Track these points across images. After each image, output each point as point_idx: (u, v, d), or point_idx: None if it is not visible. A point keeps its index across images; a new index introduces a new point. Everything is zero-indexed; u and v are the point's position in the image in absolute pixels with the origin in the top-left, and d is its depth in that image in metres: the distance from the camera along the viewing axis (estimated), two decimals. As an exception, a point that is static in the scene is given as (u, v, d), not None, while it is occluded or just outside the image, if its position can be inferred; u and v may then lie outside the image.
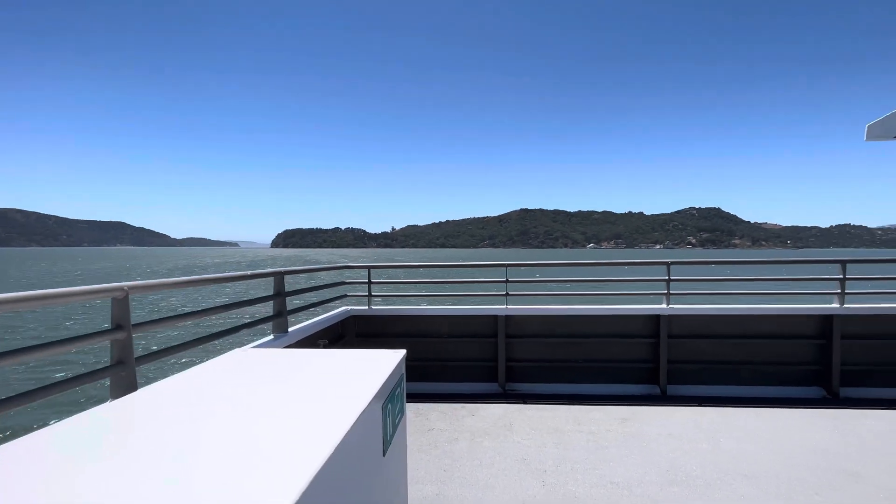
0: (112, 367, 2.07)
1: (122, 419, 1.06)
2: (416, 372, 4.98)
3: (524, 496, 2.70)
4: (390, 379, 1.42)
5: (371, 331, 5.13)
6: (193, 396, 1.21)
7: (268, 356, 1.66)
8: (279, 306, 3.67)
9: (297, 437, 0.94)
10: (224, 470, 0.80)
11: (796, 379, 4.78)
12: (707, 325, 4.84)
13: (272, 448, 0.88)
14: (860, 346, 4.70)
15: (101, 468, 0.81)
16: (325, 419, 1.03)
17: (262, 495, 0.71)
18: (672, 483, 2.82)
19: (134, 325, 2.16)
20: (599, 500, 2.63)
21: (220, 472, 0.79)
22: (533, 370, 5.00)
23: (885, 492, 2.68)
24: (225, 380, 1.37)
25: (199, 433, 0.96)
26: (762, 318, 4.79)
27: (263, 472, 0.79)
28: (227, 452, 0.86)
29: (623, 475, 2.92)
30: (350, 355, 1.65)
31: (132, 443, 0.92)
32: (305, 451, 0.87)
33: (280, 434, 0.95)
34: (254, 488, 0.73)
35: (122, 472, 0.80)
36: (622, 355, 4.91)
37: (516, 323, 5.00)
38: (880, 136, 4.17)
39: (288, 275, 3.77)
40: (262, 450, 0.88)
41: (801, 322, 4.79)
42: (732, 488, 2.74)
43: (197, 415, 1.08)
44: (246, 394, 1.23)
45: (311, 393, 1.23)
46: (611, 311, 4.90)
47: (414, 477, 2.93)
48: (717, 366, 4.81)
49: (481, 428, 3.74)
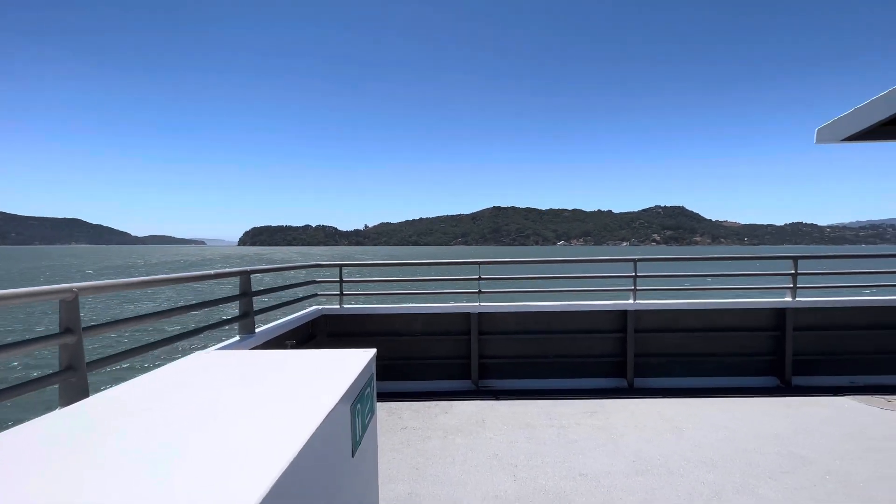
0: (61, 373, 1.95)
1: (72, 427, 1.00)
2: (390, 371, 4.95)
3: (496, 491, 2.72)
4: (359, 379, 1.40)
5: (343, 330, 5.06)
6: (150, 401, 1.16)
7: (232, 358, 1.61)
8: (245, 306, 3.57)
9: (259, 440, 0.91)
10: (179, 475, 0.77)
11: (753, 369, 5.03)
12: (671, 320, 5.02)
13: (233, 452, 0.85)
14: (810, 336, 4.99)
15: (48, 479, 0.77)
16: (289, 421, 1.01)
17: (222, 499, 0.69)
18: (638, 473, 2.90)
19: (85, 329, 2.04)
20: (568, 492, 2.69)
21: (176, 477, 0.76)
22: (505, 367, 5.06)
23: (831, 474, 2.84)
24: (185, 383, 1.32)
25: (156, 438, 0.93)
26: (722, 312, 5.01)
27: (223, 476, 0.76)
28: (184, 457, 0.83)
29: (591, 466, 3.00)
30: (318, 356, 1.62)
31: (82, 451, 0.88)
32: (268, 454, 0.84)
33: (242, 437, 0.93)
34: (213, 493, 0.71)
35: (72, 481, 0.76)
36: (591, 350, 5.04)
37: (489, 320, 5.04)
38: (829, 139, 4.41)
39: (255, 274, 3.67)
40: (222, 454, 0.85)
41: (758, 315, 5.03)
42: (694, 475, 2.86)
43: (153, 420, 1.03)
44: (207, 397, 1.19)
45: (275, 395, 1.20)
46: (580, 308, 5.02)
47: (386, 476, 2.91)
48: (681, 358, 5.00)
49: (454, 425, 3.75)
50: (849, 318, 5.02)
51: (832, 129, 4.43)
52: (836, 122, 4.40)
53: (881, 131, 4.56)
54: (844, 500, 2.57)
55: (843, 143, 4.40)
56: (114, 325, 2.29)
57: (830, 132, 4.44)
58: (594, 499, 2.63)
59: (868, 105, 4.13)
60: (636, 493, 2.67)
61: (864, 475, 2.83)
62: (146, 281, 2.57)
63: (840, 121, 4.36)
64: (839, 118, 4.42)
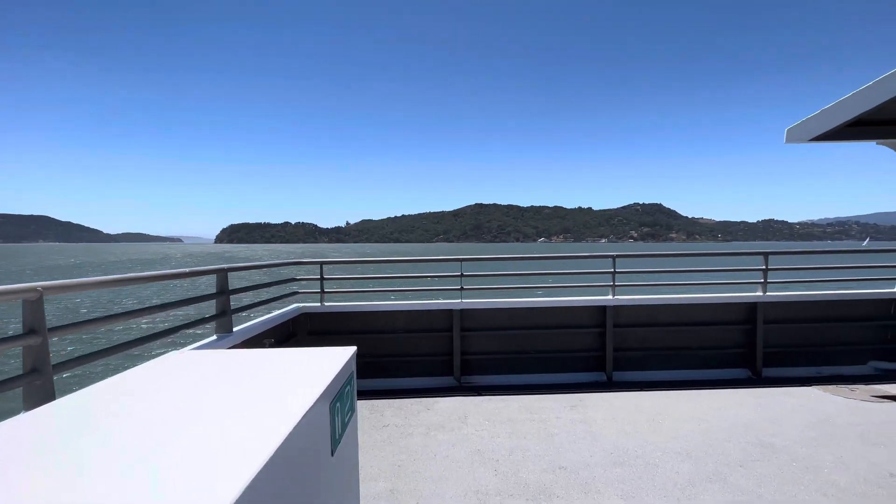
0: (24, 376, 1.89)
1: (36, 431, 0.96)
2: (372, 368, 4.93)
3: (477, 486, 2.75)
4: (339, 377, 1.38)
5: (324, 328, 5.02)
6: (120, 403, 1.12)
7: (207, 357, 1.56)
8: (222, 305, 3.50)
9: (234, 440, 0.89)
10: (149, 478, 0.74)
11: (726, 362, 5.19)
12: (649, 315, 5.14)
13: (206, 453, 0.83)
14: (779, 329, 5.18)
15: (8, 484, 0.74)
16: (266, 421, 0.98)
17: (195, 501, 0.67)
18: (615, 464, 2.97)
19: (50, 329, 1.99)
20: (548, 485, 2.74)
21: (145, 479, 0.74)
22: (488, 363, 5.10)
23: (797, 461, 2.97)
24: (157, 383, 1.28)
25: (125, 440, 0.89)
26: (697, 307, 5.15)
27: (195, 477, 0.74)
28: (154, 460, 0.81)
29: (571, 459, 3.05)
30: (297, 354, 1.58)
31: (47, 455, 0.84)
32: (243, 454, 0.82)
33: (216, 438, 0.90)
34: (185, 494, 0.69)
35: (35, 487, 0.73)
36: (572, 345, 5.11)
37: (471, 317, 5.06)
38: (798, 138, 4.58)
39: (233, 272, 3.60)
40: (195, 455, 0.82)
41: (730, 309, 5.20)
42: (669, 466, 2.94)
43: (123, 422, 0.99)
44: (180, 397, 1.15)
45: (252, 394, 1.17)
46: (561, 304, 5.09)
47: (368, 474, 2.91)
48: (658, 352, 5.13)
49: (436, 422, 3.76)
50: (816, 312, 5.22)
51: (801, 129, 4.60)
52: (805, 122, 4.57)
53: (846, 132, 4.76)
54: (809, 485, 2.69)
55: (811, 142, 4.59)
56: (81, 325, 2.21)
57: (800, 132, 4.61)
58: (573, 491, 2.68)
59: (833, 107, 4.30)
60: (614, 484, 2.74)
61: (827, 461, 2.96)
62: (117, 280, 2.46)
63: (808, 121, 4.53)
64: (807, 119, 4.58)
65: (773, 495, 2.59)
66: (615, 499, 2.60)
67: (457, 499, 2.63)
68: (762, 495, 2.60)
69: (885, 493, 2.60)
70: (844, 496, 2.58)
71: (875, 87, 4.03)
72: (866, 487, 2.65)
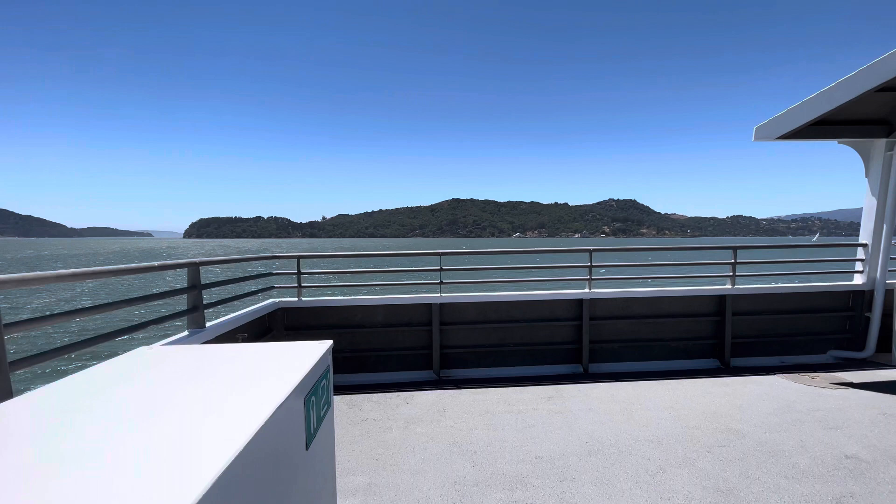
0: None
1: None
2: (351, 363, 4.90)
3: (455, 477, 2.78)
4: (314, 371, 1.37)
5: (301, 323, 4.94)
6: (82, 400, 1.08)
7: (177, 353, 1.52)
8: (194, 300, 3.40)
9: (203, 435, 0.87)
10: (112, 475, 0.72)
11: (697, 352, 5.38)
12: (624, 307, 5.27)
13: (174, 449, 0.81)
14: (746, 321, 5.40)
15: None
16: (237, 415, 0.96)
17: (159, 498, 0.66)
18: (590, 453, 3.05)
19: (6, 325, 1.91)
20: (524, 475, 2.79)
21: (108, 477, 0.72)
22: (467, 356, 5.13)
23: (761, 445, 3.13)
24: (123, 379, 1.23)
25: (86, 438, 0.86)
26: (670, 299, 5.31)
27: (161, 474, 0.72)
28: (118, 456, 0.78)
29: (547, 449, 3.11)
30: (270, 348, 1.56)
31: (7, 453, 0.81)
32: (212, 449, 0.80)
33: (184, 434, 0.88)
34: (149, 492, 0.67)
35: None
36: (549, 338, 5.20)
37: (450, 310, 5.08)
38: (765, 136, 4.76)
39: (206, 266, 3.50)
40: (161, 452, 0.80)
41: (701, 302, 5.38)
42: (641, 453, 3.04)
43: (85, 419, 0.96)
44: (147, 393, 1.12)
45: (223, 389, 1.15)
46: (539, 297, 5.16)
47: (345, 468, 2.90)
48: (633, 344, 5.28)
49: (415, 415, 3.77)
50: (780, 304, 5.47)
51: (768, 127, 4.78)
52: (772, 121, 4.75)
53: (810, 130, 4.97)
54: (771, 468, 2.82)
55: (777, 140, 4.77)
56: (40, 320, 2.10)
57: (767, 130, 4.79)
58: (549, 479, 2.73)
59: (798, 107, 4.49)
60: (588, 472, 2.81)
61: (789, 445, 3.12)
62: (78, 273, 2.32)
63: (775, 120, 4.71)
64: (774, 118, 4.76)
65: (737, 479, 2.71)
66: (589, 486, 2.66)
67: (435, 490, 2.65)
68: (728, 479, 2.71)
69: (842, 473, 2.76)
70: (804, 477, 2.72)
71: (836, 88, 4.23)
72: (824, 469, 2.80)
